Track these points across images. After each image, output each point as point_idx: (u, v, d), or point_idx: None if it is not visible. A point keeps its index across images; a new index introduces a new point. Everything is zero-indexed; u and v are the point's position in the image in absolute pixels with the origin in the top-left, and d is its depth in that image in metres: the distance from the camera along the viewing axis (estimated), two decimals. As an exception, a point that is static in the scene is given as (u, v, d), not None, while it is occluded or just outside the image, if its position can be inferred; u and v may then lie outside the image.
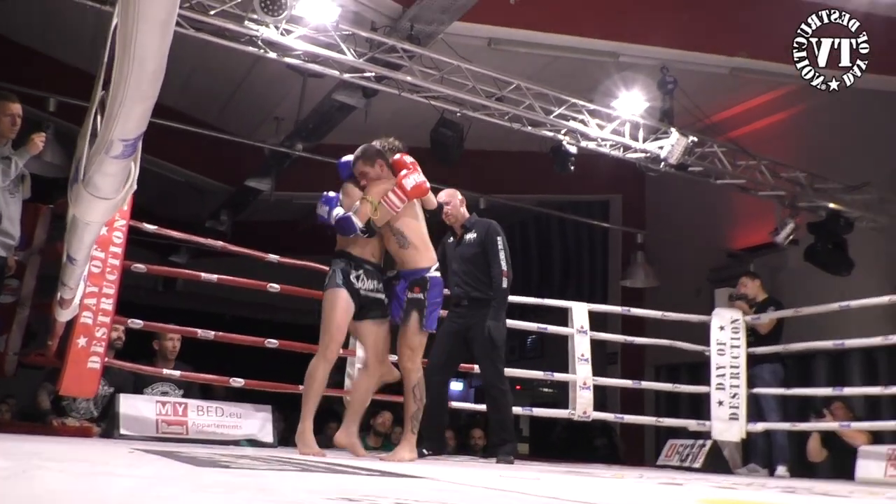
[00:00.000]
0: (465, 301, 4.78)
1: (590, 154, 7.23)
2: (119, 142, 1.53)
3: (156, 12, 1.34)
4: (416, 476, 2.16)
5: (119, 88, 1.46)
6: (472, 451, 7.27)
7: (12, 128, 4.14)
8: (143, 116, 1.55)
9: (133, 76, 1.43)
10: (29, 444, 2.70)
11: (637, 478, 3.56)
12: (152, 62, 1.41)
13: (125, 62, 1.41)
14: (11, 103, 4.17)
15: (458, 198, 5.00)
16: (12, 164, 4.06)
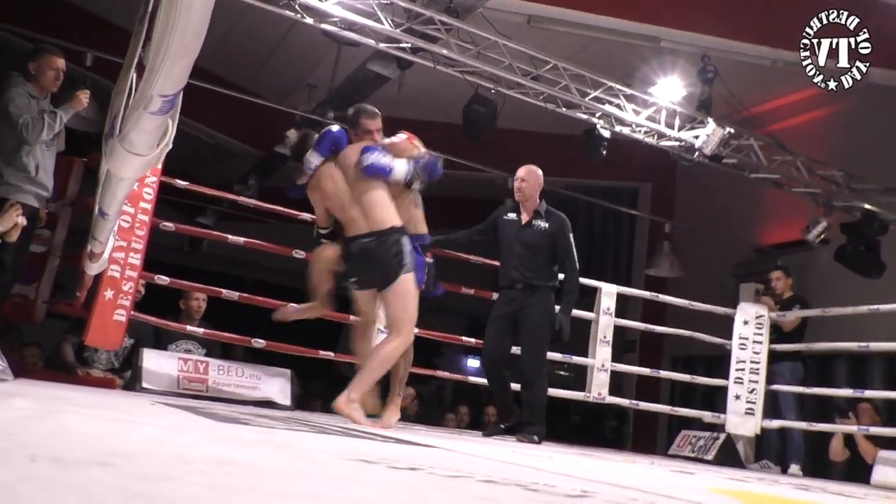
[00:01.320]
0: (519, 284, 4.78)
1: (622, 140, 7.15)
2: (158, 97, 1.53)
3: None
4: (430, 446, 2.18)
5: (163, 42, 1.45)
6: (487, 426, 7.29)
7: (55, 82, 4.20)
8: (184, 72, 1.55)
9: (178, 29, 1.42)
10: (55, 391, 2.75)
11: (648, 464, 3.56)
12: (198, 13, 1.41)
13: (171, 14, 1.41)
14: (56, 57, 4.22)
15: (539, 179, 4.94)
16: (57, 118, 4.10)
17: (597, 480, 1.65)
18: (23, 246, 4.22)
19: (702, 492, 1.79)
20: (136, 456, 0.93)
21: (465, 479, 1.24)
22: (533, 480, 1.37)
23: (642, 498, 1.30)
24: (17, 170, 4.06)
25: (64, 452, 0.85)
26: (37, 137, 4.02)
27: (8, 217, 3.63)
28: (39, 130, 4.01)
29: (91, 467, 0.76)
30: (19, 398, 1.79)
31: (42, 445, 0.90)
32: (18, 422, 1.23)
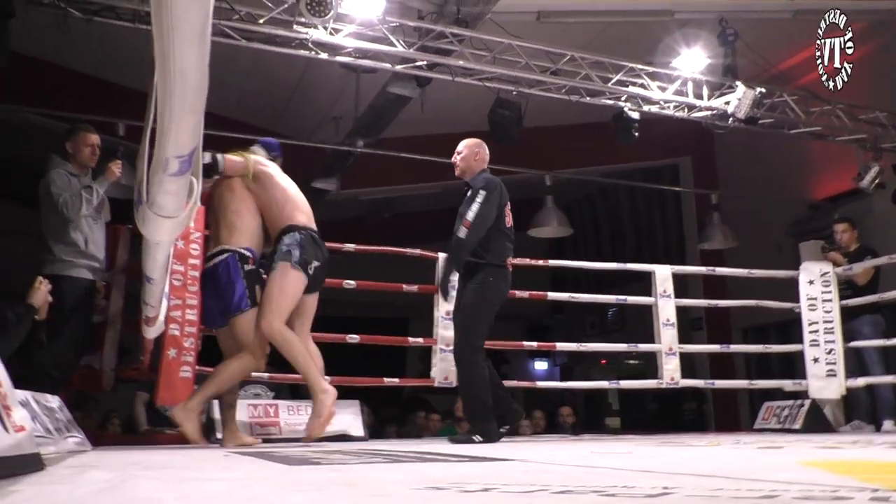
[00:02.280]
0: (463, 268, 4.32)
1: (653, 118, 7.04)
2: (174, 158, 1.54)
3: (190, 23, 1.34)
4: (505, 459, 2.14)
5: (166, 104, 1.47)
6: (562, 428, 7.23)
7: (92, 157, 4.38)
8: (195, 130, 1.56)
9: (177, 90, 1.44)
10: (131, 456, 2.80)
11: (734, 443, 3.46)
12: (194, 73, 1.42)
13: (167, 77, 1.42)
14: (90, 134, 4.41)
15: (474, 149, 4.47)
16: (94, 192, 4.25)
17: (678, 473, 1.59)
18: (86, 318, 4.34)
19: (791, 468, 1.73)
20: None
21: (540, 492, 1.21)
22: (610, 483, 1.33)
23: (727, 486, 1.25)
24: (66, 245, 4.22)
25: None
26: (77, 212, 4.18)
27: (40, 293, 3.72)
28: (78, 206, 4.17)
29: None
30: (95, 470, 1.82)
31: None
32: (94, 495, 1.25)
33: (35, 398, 3.14)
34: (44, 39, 5.46)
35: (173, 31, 1.34)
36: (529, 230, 8.99)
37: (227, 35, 5.30)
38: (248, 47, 5.50)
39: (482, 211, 4.12)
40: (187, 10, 1.31)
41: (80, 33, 5.08)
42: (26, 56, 6.48)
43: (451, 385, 5.16)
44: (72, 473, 1.71)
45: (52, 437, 3.07)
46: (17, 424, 1.79)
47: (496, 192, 4.21)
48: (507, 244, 4.27)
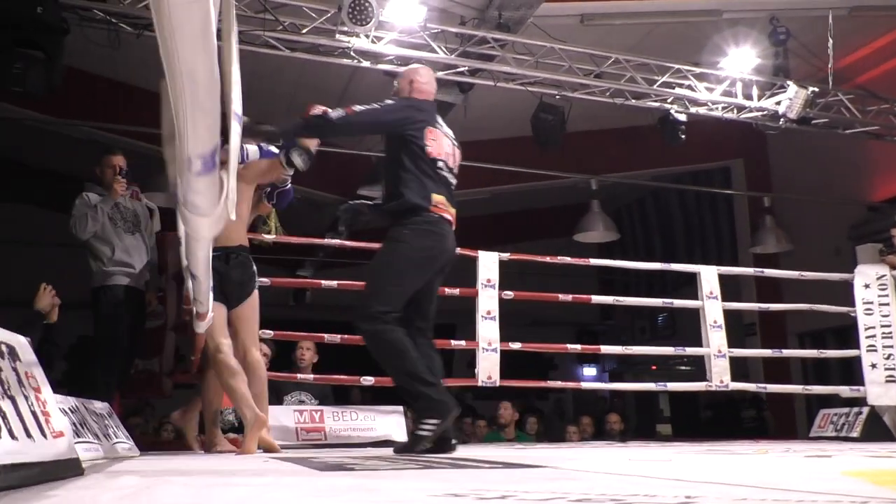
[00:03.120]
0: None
1: (702, 120, 6.92)
2: (196, 158, 1.57)
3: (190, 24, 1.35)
4: (537, 466, 2.12)
5: (178, 105, 1.50)
6: (609, 435, 7.13)
7: (115, 177, 4.52)
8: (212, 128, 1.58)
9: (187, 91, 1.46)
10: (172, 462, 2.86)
11: (783, 451, 3.36)
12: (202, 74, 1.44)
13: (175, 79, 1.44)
14: (112, 156, 4.61)
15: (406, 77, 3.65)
16: (98, 210, 4.44)
17: (708, 481, 1.55)
18: (132, 324, 4.48)
19: (831, 478, 1.67)
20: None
21: (558, 500, 1.19)
22: (633, 492, 1.30)
23: (752, 497, 1.21)
24: (95, 259, 4.47)
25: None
26: (83, 230, 4.39)
27: (45, 297, 3.85)
28: (84, 225, 4.38)
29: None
30: (129, 475, 1.86)
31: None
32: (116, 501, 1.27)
33: (84, 404, 3.23)
34: (96, 54, 5.63)
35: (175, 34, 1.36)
36: (575, 235, 8.92)
37: (272, 46, 5.40)
38: (293, 57, 5.59)
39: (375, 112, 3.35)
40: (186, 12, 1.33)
41: (130, 47, 5.22)
42: (80, 70, 6.70)
43: (495, 384, 5.13)
44: (106, 479, 1.75)
45: (100, 443, 3.16)
46: (56, 430, 1.84)
47: (411, 107, 3.44)
48: (429, 179, 3.37)
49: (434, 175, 3.38)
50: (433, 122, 3.47)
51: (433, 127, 3.44)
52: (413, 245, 3.31)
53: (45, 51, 4.90)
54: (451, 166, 3.49)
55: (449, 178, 3.46)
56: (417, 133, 3.36)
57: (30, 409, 1.73)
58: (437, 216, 3.34)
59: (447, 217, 3.39)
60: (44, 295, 3.84)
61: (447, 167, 3.46)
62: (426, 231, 3.32)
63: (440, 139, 3.45)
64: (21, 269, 7.74)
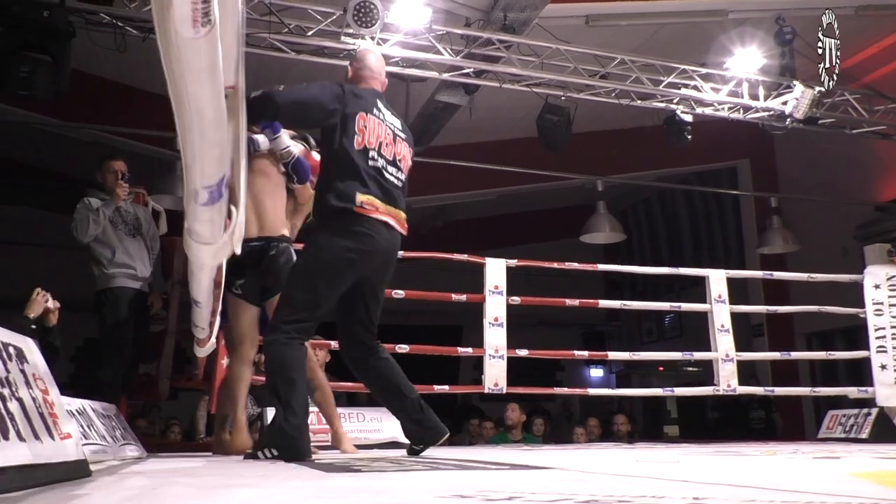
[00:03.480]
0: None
1: (708, 120, 6.90)
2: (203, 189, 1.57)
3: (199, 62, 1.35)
4: (544, 467, 2.12)
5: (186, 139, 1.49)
6: (617, 437, 7.11)
7: (116, 181, 4.54)
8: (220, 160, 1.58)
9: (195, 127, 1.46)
10: (181, 464, 2.86)
11: (791, 453, 3.35)
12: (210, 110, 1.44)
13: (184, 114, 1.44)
14: (112, 161, 4.64)
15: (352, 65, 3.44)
16: (100, 214, 4.45)
17: (716, 483, 1.55)
18: (136, 326, 4.49)
19: (837, 479, 1.66)
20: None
21: (565, 501, 1.19)
22: (640, 493, 1.29)
23: (761, 498, 1.20)
24: (97, 262, 4.48)
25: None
26: (84, 234, 4.41)
27: (37, 303, 3.79)
28: (85, 229, 4.40)
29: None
30: (138, 476, 1.86)
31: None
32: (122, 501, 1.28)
33: (92, 407, 3.24)
34: (102, 58, 5.65)
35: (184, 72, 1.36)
36: (582, 236, 8.90)
37: (278, 49, 5.41)
38: (299, 60, 5.60)
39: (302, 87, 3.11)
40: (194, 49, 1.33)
41: (136, 51, 5.24)
42: (87, 74, 6.72)
43: (501, 391, 5.13)
44: (113, 480, 1.75)
45: (108, 445, 3.16)
46: (63, 432, 1.85)
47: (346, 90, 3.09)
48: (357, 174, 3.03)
49: (364, 169, 3.03)
50: (368, 108, 3.09)
51: (367, 113, 3.07)
52: (329, 248, 3.01)
53: (52, 55, 4.92)
54: (390, 158, 3.14)
55: (387, 174, 3.12)
56: (344, 122, 3.01)
57: (37, 410, 1.73)
58: (363, 217, 3.01)
59: (379, 218, 3.04)
60: (36, 301, 3.73)
61: (386, 159, 3.12)
62: (345, 231, 3.00)
63: (375, 127, 3.09)
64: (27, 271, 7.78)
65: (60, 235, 6.41)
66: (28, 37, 4.87)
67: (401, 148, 3.23)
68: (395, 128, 3.24)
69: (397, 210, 3.14)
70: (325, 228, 3.05)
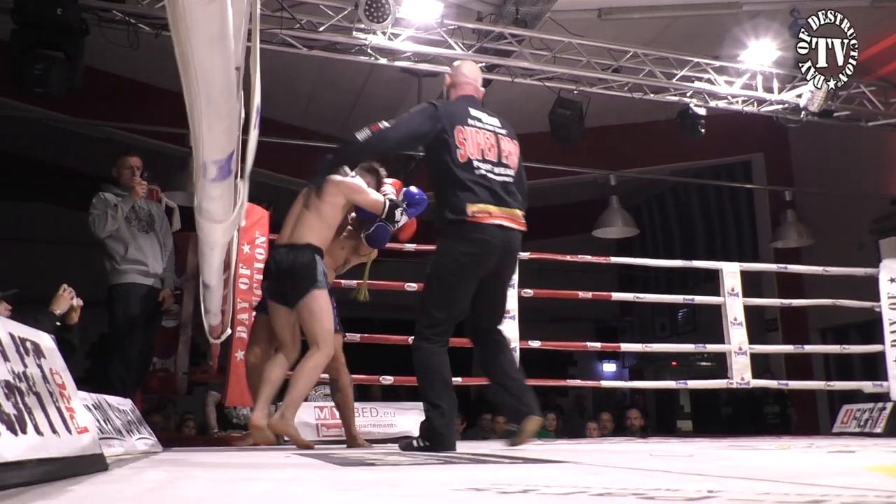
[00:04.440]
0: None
1: (722, 114, 6.86)
2: (212, 164, 1.57)
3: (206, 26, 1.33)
4: (557, 461, 2.12)
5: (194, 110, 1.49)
6: (630, 431, 7.10)
7: (133, 178, 4.59)
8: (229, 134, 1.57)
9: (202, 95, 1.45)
10: (197, 457, 2.88)
11: (805, 447, 3.33)
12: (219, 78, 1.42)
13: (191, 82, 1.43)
14: (129, 157, 4.67)
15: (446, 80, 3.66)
16: (118, 209, 4.48)
17: (731, 476, 1.54)
18: (148, 321, 4.53)
19: (854, 472, 1.65)
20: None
21: (579, 494, 1.19)
22: (655, 486, 1.29)
23: (775, 491, 1.20)
24: (110, 258, 4.51)
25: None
26: (102, 229, 4.43)
27: (63, 299, 3.82)
28: (103, 224, 4.42)
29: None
30: (154, 470, 1.88)
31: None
32: (141, 495, 1.29)
33: (107, 401, 3.26)
34: (115, 55, 5.68)
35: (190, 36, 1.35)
36: (594, 231, 8.88)
37: (290, 44, 5.42)
38: (311, 55, 5.61)
39: (405, 120, 3.31)
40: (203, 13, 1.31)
41: (149, 47, 5.26)
42: (100, 70, 6.75)
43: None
44: (131, 473, 1.77)
45: (123, 439, 3.19)
46: (80, 426, 1.86)
47: (440, 108, 3.29)
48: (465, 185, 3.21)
49: (471, 179, 3.22)
50: (463, 120, 3.28)
51: (463, 126, 3.26)
52: (451, 255, 3.24)
53: (66, 52, 4.95)
54: (496, 160, 3.30)
55: (495, 176, 3.28)
56: (444, 138, 3.22)
57: (55, 404, 1.75)
58: (477, 224, 3.20)
59: (492, 222, 3.23)
60: (63, 297, 3.79)
61: (492, 163, 3.29)
62: (462, 239, 3.22)
63: (474, 136, 3.27)
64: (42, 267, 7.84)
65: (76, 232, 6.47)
66: (42, 34, 4.89)
67: (505, 145, 3.37)
68: (495, 127, 3.39)
69: (511, 210, 3.31)
70: (446, 238, 3.28)
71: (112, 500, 1.22)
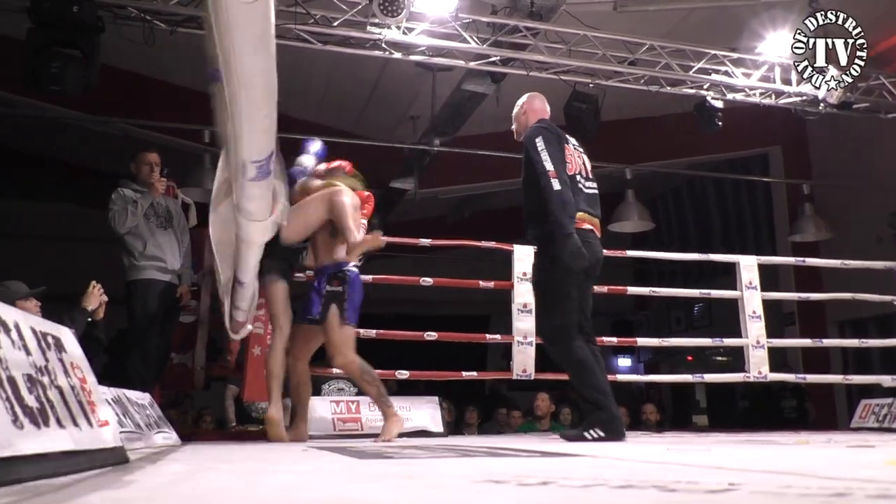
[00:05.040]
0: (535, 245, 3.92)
1: (739, 106, 6.80)
2: (251, 164, 1.56)
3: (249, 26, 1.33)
4: (576, 455, 2.11)
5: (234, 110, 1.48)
6: (645, 426, 7.08)
7: (151, 174, 4.64)
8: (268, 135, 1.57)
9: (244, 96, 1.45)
10: (216, 450, 2.90)
11: (824, 442, 3.31)
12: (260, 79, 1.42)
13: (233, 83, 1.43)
14: (147, 153, 4.71)
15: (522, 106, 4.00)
16: (138, 206, 4.53)
17: (750, 469, 1.53)
18: (166, 317, 4.56)
19: (874, 467, 1.64)
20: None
21: (599, 487, 1.18)
22: (675, 479, 1.29)
23: (797, 484, 1.19)
24: (128, 254, 4.55)
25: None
26: (122, 225, 4.47)
27: (93, 296, 3.90)
28: (123, 219, 4.46)
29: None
30: (175, 463, 1.89)
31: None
32: (164, 486, 1.30)
33: (127, 395, 3.29)
34: (131, 52, 5.71)
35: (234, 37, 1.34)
36: (610, 225, 8.83)
37: (304, 39, 5.43)
38: (325, 51, 5.61)
39: (554, 155, 3.56)
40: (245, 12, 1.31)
41: (164, 44, 5.28)
42: (116, 68, 6.79)
43: (530, 377, 5.14)
44: (151, 466, 1.78)
45: (143, 433, 3.22)
46: (101, 419, 1.88)
47: (552, 134, 3.65)
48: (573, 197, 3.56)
49: (576, 191, 3.61)
50: (567, 140, 3.75)
51: (567, 144, 3.73)
52: (562, 262, 3.48)
53: (82, 50, 4.97)
54: (585, 175, 3.77)
55: (587, 189, 3.73)
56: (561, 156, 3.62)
57: (76, 398, 1.76)
58: (580, 230, 3.55)
59: (588, 227, 3.66)
60: (93, 294, 3.90)
61: (584, 176, 3.74)
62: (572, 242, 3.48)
63: (573, 153, 3.73)
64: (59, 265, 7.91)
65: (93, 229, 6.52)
66: (58, 33, 4.92)
67: (585, 159, 3.83)
68: (576, 146, 3.84)
69: (596, 218, 3.77)
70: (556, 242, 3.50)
71: (133, 492, 1.23)
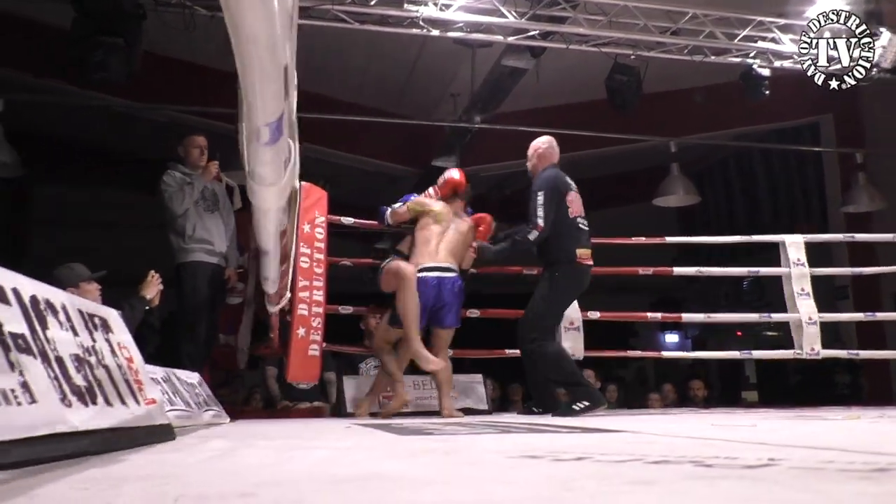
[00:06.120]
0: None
1: (787, 74, 6.60)
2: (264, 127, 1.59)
3: None
4: (616, 430, 2.10)
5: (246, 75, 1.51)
6: (692, 402, 7.00)
7: (201, 157, 4.76)
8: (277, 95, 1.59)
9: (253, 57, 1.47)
10: (261, 427, 2.96)
11: (877, 417, 3.23)
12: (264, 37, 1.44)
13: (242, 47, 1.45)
14: (196, 137, 4.83)
15: (535, 150, 4.77)
16: (194, 187, 4.63)
17: (793, 445, 1.50)
18: (212, 299, 4.66)
19: (926, 441, 1.59)
20: (287, 482, 0.96)
21: (634, 462, 1.17)
22: (714, 454, 1.27)
23: (840, 459, 1.16)
24: (178, 235, 4.65)
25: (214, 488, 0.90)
26: (179, 205, 4.56)
27: (152, 285, 4.01)
28: (180, 200, 4.56)
29: (230, 499, 0.79)
30: (219, 439, 1.93)
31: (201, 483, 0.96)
32: (204, 462, 1.33)
33: (176, 375, 3.38)
34: (172, 38, 5.78)
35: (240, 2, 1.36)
36: (654, 199, 8.70)
37: (341, 19, 5.43)
38: (363, 30, 5.61)
39: (548, 212, 4.33)
40: None
41: (205, 29, 5.33)
42: (158, 55, 6.89)
43: (579, 360, 5.12)
44: (196, 442, 1.83)
45: (192, 410, 3.30)
46: (148, 398, 1.93)
47: (554, 190, 4.37)
48: (573, 236, 4.39)
49: (576, 230, 4.41)
50: (569, 187, 4.46)
51: (570, 190, 4.45)
52: (562, 286, 4.40)
53: (125, 37, 5.06)
54: (582, 214, 4.50)
55: (583, 226, 4.48)
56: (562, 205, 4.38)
57: (123, 377, 1.81)
58: (581, 264, 4.38)
59: (587, 263, 4.43)
60: (151, 283, 4.02)
61: (581, 216, 4.48)
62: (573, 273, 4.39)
63: (575, 198, 4.47)
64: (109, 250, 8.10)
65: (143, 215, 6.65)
66: (101, 21, 5.01)
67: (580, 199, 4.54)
68: (576, 190, 4.54)
69: (589, 250, 4.47)
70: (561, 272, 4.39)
71: (176, 467, 1.26)
